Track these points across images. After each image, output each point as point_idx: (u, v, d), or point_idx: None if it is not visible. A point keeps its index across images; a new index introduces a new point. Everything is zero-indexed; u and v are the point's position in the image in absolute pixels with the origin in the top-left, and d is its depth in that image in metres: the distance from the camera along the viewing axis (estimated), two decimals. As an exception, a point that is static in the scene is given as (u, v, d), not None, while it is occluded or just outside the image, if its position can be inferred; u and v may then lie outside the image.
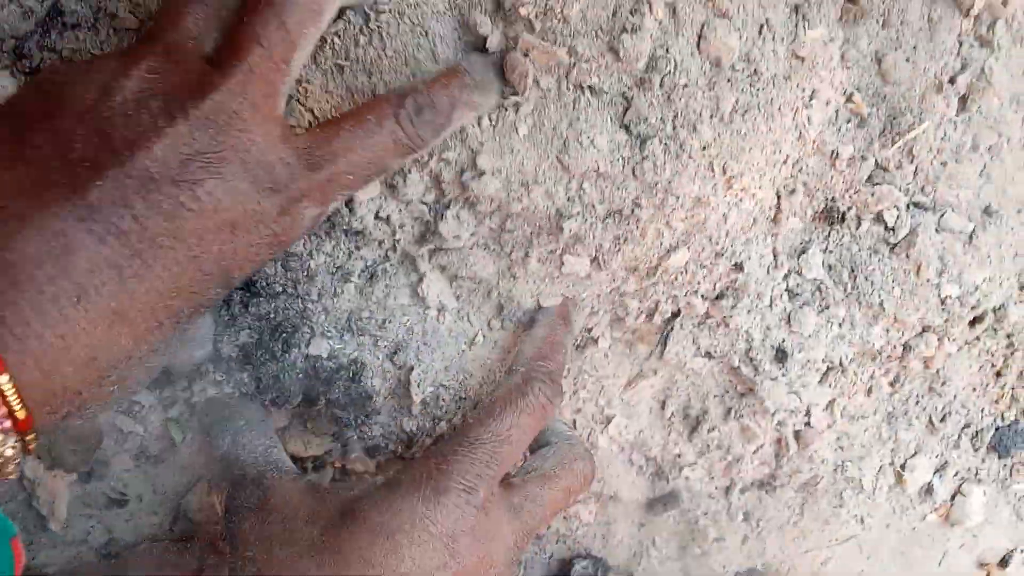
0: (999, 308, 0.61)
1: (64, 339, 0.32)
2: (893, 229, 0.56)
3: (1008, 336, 0.65)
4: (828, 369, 0.60)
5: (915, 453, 0.67)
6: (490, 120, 0.46)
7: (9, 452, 0.32)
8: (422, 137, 0.41)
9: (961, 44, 0.53)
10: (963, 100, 0.54)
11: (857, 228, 0.57)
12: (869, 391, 0.64)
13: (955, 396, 0.66)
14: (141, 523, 0.51)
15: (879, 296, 0.58)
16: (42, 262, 0.31)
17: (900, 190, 0.56)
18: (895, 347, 0.61)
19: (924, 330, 0.61)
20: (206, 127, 0.34)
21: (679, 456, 0.63)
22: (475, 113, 0.44)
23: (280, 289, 0.48)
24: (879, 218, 0.56)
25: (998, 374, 0.67)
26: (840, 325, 0.59)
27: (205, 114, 0.34)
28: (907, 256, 0.57)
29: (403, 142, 0.40)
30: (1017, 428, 0.69)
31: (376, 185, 0.46)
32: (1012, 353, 0.66)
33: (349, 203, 0.47)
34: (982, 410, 0.68)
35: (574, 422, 0.61)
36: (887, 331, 0.60)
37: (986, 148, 0.56)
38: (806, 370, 0.60)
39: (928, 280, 0.57)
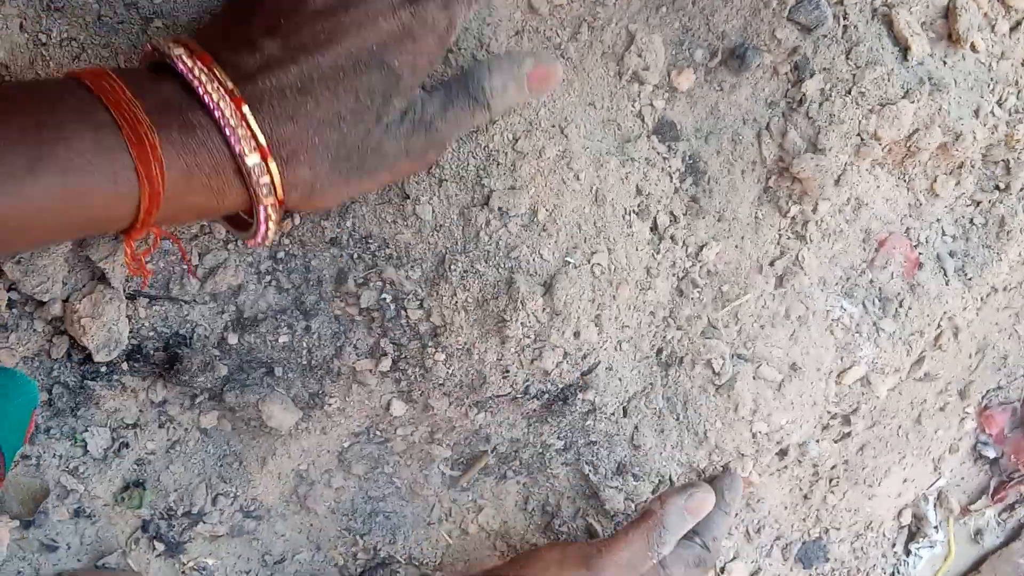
0: (801, 444, 0.74)
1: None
2: (719, 374, 0.69)
3: (814, 466, 0.78)
4: (659, 482, 0.72)
5: (733, 558, 0.80)
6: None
7: (266, 179, 0.40)
8: None
9: (780, 236, 0.66)
10: (780, 279, 0.68)
11: (691, 370, 0.69)
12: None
13: (769, 512, 0.79)
14: (65, 567, 0.60)
15: (704, 426, 0.70)
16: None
17: (726, 344, 0.69)
18: (716, 468, 0.74)
19: (740, 456, 0.74)
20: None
21: (534, 545, 0.74)
22: None
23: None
24: (708, 364, 0.69)
25: (805, 497, 0.80)
26: (672, 447, 0.71)
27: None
28: (728, 396, 0.70)
29: None
30: (820, 544, 0.82)
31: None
32: (816, 481, 0.80)
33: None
34: (792, 526, 0.81)
35: (450, 510, 0.71)
36: (709, 454, 0.72)
37: (796, 317, 0.69)
38: (640, 481, 0.71)
39: (743, 417, 0.70)
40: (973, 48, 0.64)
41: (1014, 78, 0.66)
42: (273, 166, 0.40)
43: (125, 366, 0.55)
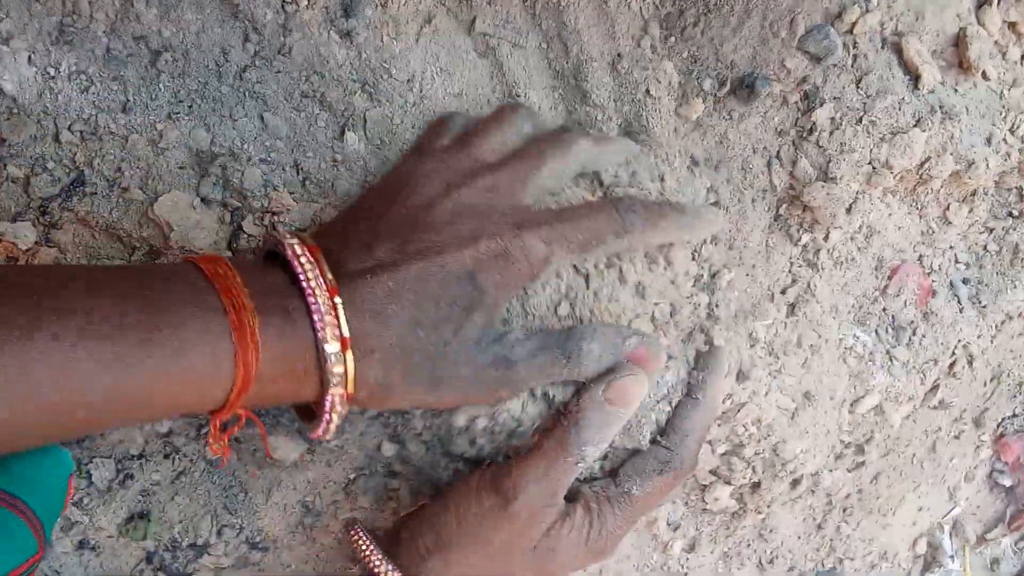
0: (815, 473, 0.73)
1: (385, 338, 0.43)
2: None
3: (828, 495, 0.77)
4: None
5: (749, 587, 0.79)
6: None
7: (335, 354, 0.41)
8: None
9: (792, 264, 0.66)
10: (792, 307, 0.67)
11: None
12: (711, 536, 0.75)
13: (782, 542, 0.78)
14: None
15: (716, 457, 0.70)
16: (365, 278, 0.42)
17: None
18: (732, 498, 0.73)
19: (754, 487, 0.73)
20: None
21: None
22: None
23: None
24: (720, 393, 0.68)
25: (819, 526, 0.79)
26: (683, 477, 0.71)
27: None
28: (741, 426, 0.69)
29: None
30: (834, 573, 0.81)
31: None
32: (830, 510, 0.79)
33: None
34: (805, 556, 0.80)
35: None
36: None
37: (808, 345, 0.68)
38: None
39: (759, 442, 0.69)
40: (984, 76, 0.63)
41: (1026, 105, 0.66)
42: (349, 358, 0.41)
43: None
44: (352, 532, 0.52)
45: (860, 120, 0.60)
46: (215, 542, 0.60)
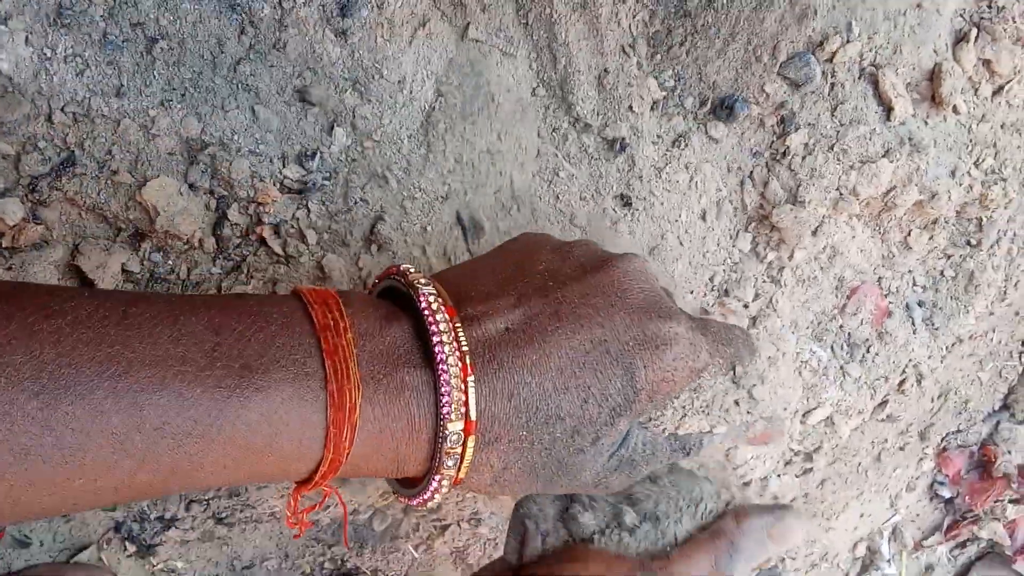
0: (764, 478, 0.76)
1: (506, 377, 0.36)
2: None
3: (775, 499, 0.81)
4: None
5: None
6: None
7: (457, 436, 0.36)
8: None
9: (756, 280, 0.68)
10: (753, 320, 0.70)
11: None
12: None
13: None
14: (38, 563, 0.61)
15: (671, 458, 0.72)
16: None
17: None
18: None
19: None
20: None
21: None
22: None
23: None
24: (679, 398, 0.71)
25: (764, 528, 0.83)
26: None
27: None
28: (696, 431, 0.71)
29: None
30: (775, 572, 0.85)
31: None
32: (776, 513, 0.82)
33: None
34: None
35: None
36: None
37: (767, 357, 0.71)
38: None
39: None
40: (955, 110, 0.66)
41: (992, 140, 0.68)
42: (470, 444, 0.36)
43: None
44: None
45: (832, 147, 0.62)
46: (183, 516, 0.62)
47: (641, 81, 0.59)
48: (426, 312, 0.36)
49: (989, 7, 0.65)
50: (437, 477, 0.37)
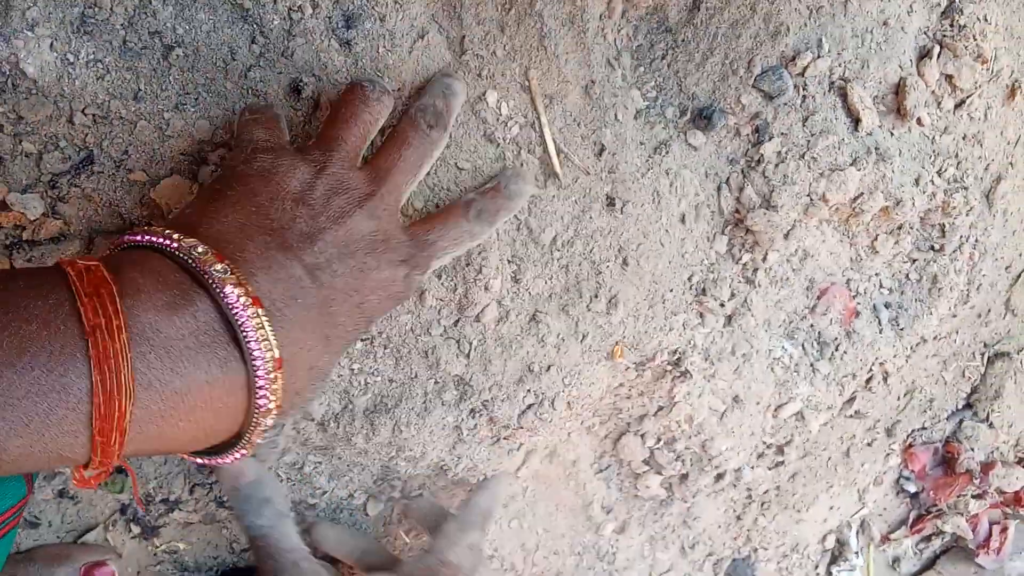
0: (738, 469, 0.80)
1: (304, 353, 0.41)
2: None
3: (748, 490, 0.85)
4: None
5: (668, 570, 0.85)
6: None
7: (269, 422, 0.39)
8: (481, 229, 0.56)
9: (731, 280, 0.72)
10: (729, 318, 0.73)
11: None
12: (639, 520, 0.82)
13: (703, 530, 0.85)
14: (46, 542, 0.64)
15: (650, 449, 0.76)
16: (290, 300, 0.40)
17: (675, 375, 0.74)
18: (661, 487, 0.80)
19: (682, 478, 0.79)
20: (372, 217, 0.47)
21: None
22: (513, 210, 0.58)
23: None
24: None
25: (738, 517, 0.87)
26: (619, 466, 0.77)
27: (371, 209, 0.47)
28: (674, 423, 0.75)
29: (471, 232, 0.55)
30: (749, 562, 0.88)
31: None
32: (749, 503, 0.86)
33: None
34: (724, 544, 0.87)
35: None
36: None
37: (741, 354, 0.75)
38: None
39: (689, 438, 0.76)
40: (919, 122, 0.70)
41: (955, 151, 0.73)
42: (280, 375, 0.39)
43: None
44: None
45: (803, 156, 0.66)
46: (186, 499, 0.65)
47: (625, 92, 0.63)
48: (233, 308, 0.36)
49: (951, 25, 0.69)
50: (243, 452, 0.40)
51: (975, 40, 0.70)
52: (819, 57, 0.65)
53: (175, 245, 0.37)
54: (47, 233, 0.54)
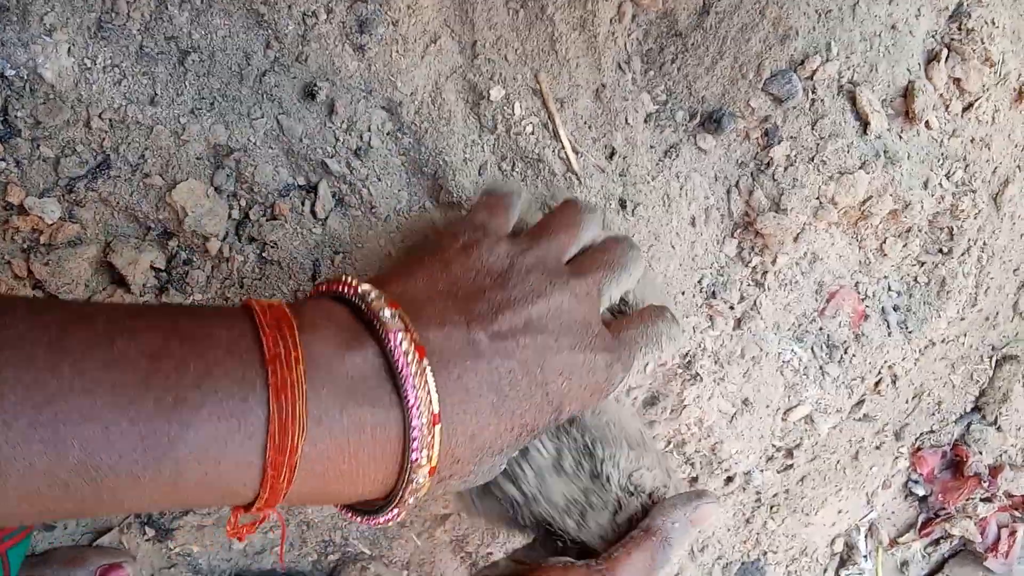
0: (747, 473, 0.80)
1: (467, 417, 0.38)
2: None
3: (757, 493, 0.85)
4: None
5: (677, 573, 0.85)
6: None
7: (422, 480, 0.36)
8: (675, 332, 0.51)
9: (741, 283, 0.72)
10: (738, 321, 0.74)
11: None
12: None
13: (712, 533, 0.85)
14: (61, 545, 0.64)
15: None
16: (459, 359, 0.38)
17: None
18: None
19: (692, 481, 0.80)
20: (572, 296, 0.44)
21: (490, 554, 0.80)
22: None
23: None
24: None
25: (747, 521, 0.87)
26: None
27: (572, 288, 0.44)
28: (684, 425, 0.76)
29: (668, 333, 0.50)
30: (758, 565, 0.89)
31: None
32: (759, 507, 0.86)
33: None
34: (733, 547, 0.87)
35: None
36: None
37: (750, 357, 0.75)
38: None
39: (699, 441, 0.76)
40: (927, 125, 0.70)
41: (963, 154, 0.73)
42: (432, 482, 0.38)
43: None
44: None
45: (812, 159, 0.66)
46: (200, 501, 0.65)
47: (635, 96, 0.64)
48: (395, 354, 0.36)
49: (959, 29, 0.70)
50: (395, 511, 0.38)
51: (983, 43, 0.70)
52: (828, 61, 0.65)
53: (351, 292, 0.38)
54: (64, 237, 0.54)
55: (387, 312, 0.37)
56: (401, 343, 0.36)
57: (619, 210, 0.62)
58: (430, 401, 0.36)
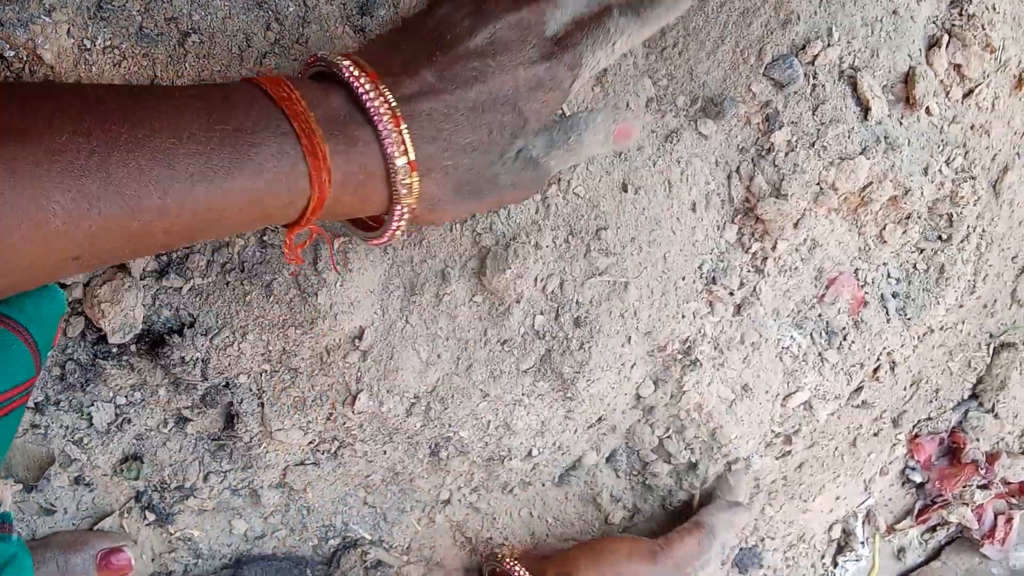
0: (746, 458, 0.81)
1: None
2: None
3: (756, 479, 0.85)
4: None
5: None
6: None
7: (407, 182, 0.45)
8: (628, 25, 0.52)
9: (741, 269, 0.72)
10: (738, 307, 0.74)
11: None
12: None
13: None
14: (62, 529, 0.64)
15: (659, 438, 0.76)
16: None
17: (685, 363, 0.75)
18: (670, 476, 0.80)
19: (691, 466, 0.80)
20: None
21: (490, 539, 0.80)
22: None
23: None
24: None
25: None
26: (628, 455, 0.77)
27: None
28: (684, 411, 0.76)
29: (618, 28, 0.52)
30: (755, 551, 0.89)
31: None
32: (757, 493, 0.86)
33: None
34: (731, 533, 0.87)
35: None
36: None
37: (750, 343, 0.75)
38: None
39: (699, 427, 0.76)
40: (928, 111, 0.70)
41: (962, 140, 0.73)
42: (415, 176, 0.45)
43: (134, 348, 0.60)
44: (509, 562, 0.61)
45: (813, 144, 0.66)
46: (201, 487, 0.65)
47: (636, 80, 0.63)
48: (351, 81, 0.44)
49: (960, 15, 0.70)
50: (398, 207, 0.46)
51: (984, 29, 0.70)
52: (829, 46, 0.65)
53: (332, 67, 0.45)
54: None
55: (339, 58, 0.45)
56: (353, 71, 0.44)
57: (622, 190, 0.62)
58: (388, 107, 0.44)
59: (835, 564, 0.98)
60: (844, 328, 0.77)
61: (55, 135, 0.36)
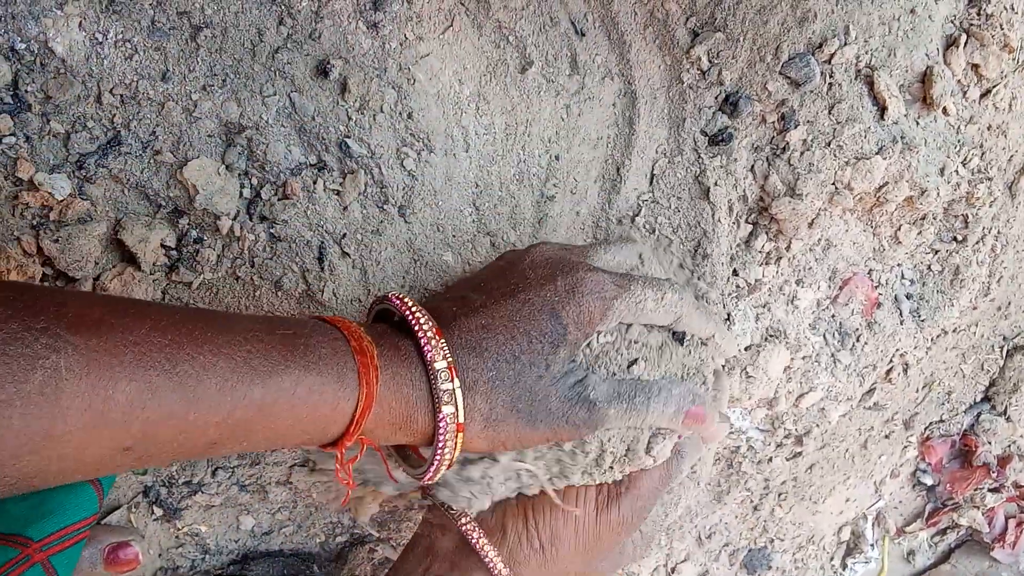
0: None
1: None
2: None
3: (766, 481, 0.84)
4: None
5: (684, 559, 0.85)
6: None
7: (448, 386, 0.46)
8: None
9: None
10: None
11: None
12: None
13: (720, 520, 0.85)
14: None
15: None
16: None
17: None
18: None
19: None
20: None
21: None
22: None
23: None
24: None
25: (755, 508, 0.86)
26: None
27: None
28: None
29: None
30: (764, 553, 0.88)
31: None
32: (767, 494, 0.85)
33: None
34: (740, 534, 0.87)
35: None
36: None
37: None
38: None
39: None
40: (945, 112, 0.70)
41: (979, 141, 0.72)
42: (457, 383, 0.46)
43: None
44: (463, 519, 0.56)
45: (829, 144, 0.65)
46: (209, 482, 0.65)
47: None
48: (396, 303, 0.48)
49: (978, 14, 0.69)
50: (443, 421, 0.46)
51: (1002, 29, 0.69)
52: (846, 44, 0.65)
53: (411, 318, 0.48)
54: (74, 214, 0.53)
55: (395, 295, 0.49)
56: (402, 297, 0.48)
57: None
58: (427, 319, 0.47)
59: (844, 566, 0.97)
60: (857, 329, 0.77)
61: (137, 328, 0.38)
